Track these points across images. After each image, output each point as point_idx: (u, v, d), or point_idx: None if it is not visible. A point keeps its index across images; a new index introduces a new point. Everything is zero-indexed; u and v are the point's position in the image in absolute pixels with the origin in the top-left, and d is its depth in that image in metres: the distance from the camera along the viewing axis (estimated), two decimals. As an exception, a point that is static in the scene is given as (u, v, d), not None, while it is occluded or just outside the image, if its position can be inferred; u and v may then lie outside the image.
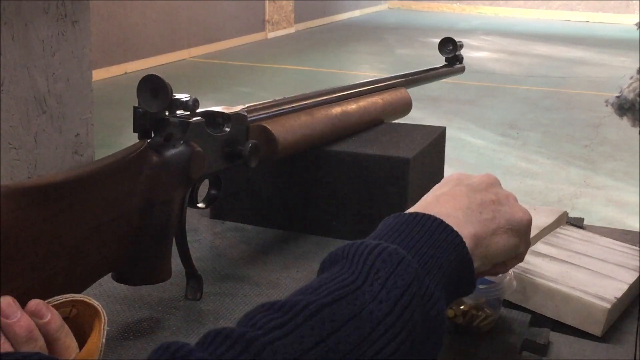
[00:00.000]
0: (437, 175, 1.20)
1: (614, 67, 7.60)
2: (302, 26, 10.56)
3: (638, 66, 1.08)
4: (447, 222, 0.59)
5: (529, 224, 0.68)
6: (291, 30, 10.28)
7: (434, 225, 0.58)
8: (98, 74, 5.96)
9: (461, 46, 1.31)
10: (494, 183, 0.68)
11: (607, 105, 1.12)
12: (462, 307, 0.81)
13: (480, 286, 0.84)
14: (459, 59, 1.32)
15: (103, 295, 0.88)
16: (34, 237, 0.59)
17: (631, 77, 1.10)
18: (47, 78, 3.48)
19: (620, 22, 11.39)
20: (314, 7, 10.95)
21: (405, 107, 1.25)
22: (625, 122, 1.12)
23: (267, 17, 9.63)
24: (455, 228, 0.59)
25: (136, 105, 0.76)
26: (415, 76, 1.28)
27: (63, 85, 3.58)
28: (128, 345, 0.78)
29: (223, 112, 0.85)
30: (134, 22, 7.22)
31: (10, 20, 3.24)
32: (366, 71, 7.58)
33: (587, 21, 12.19)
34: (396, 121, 1.23)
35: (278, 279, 0.95)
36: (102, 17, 6.62)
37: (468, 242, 0.59)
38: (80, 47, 3.66)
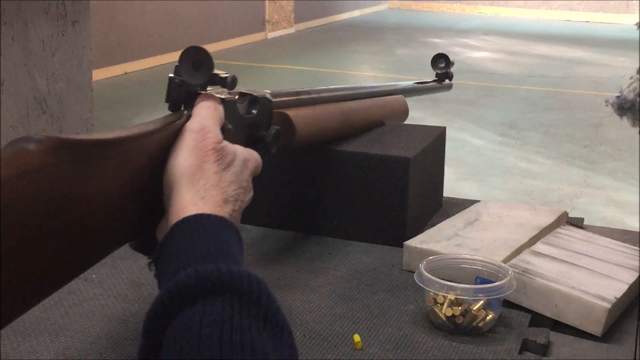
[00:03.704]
0: (437, 175, 1.20)
1: (614, 67, 7.60)
2: (302, 26, 10.56)
3: (638, 66, 1.08)
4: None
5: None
6: (291, 30, 10.28)
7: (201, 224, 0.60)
8: (98, 74, 5.96)
9: (453, 63, 1.32)
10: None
11: (607, 105, 1.12)
12: (462, 307, 0.81)
13: (481, 286, 0.84)
14: (449, 76, 1.33)
15: (103, 295, 0.89)
16: (73, 196, 0.55)
17: (631, 77, 1.10)
18: (47, 78, 3.48)
19: (620, 22, 11.38)
20: (314, 7, 10.94)
21: (403, 113, 1.26)
22: (625, 122, 1.12)
23: (267, 17, 9.63)
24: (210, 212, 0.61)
25: (171, 75, 0.72)
26: (407, 88, 1.28)
27: (63, 85, 3.58)
28: (128, 344, 0.78)
29: (252, 94, 0.83)
30: (134, 22, 7.22)
31: (10, 20, 3.24)
32: (366, 71, 7.58)
33: (587, 21, 12.19)
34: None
35: (278, 279, 0.95)
36: (102, 17, 6.62)
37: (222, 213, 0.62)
38: (80, 47, 3.66)
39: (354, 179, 1.05)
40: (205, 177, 0.64)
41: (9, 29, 3.25)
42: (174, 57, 0.73)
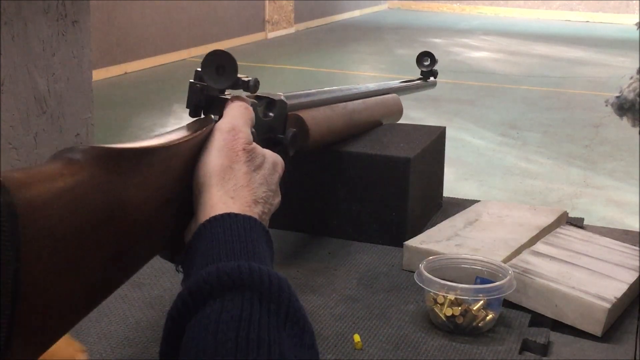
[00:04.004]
0: (437, 175, 1.20)
1: (614, 67, 7.60)
2: (302, 26, 10.56)
3: (638, 66, 1.08)
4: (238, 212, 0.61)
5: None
6: (291, 30, 10.28)
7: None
8: (98, 74, 5.96)
9: (437, 61, 1.32)
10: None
11: (607, 105, 1.12)
12: (462, 307, 0.81)
13: (481, 286, 0.84)
14: (434, 74, 1.33)
15: (103, 295, 0.89)
16: (120, 205, 0.54)
17: (631, 77, 1.10)
18: (47, 78, 3.48)
19: (620, 22, 11.38)
20: (314, 7, 10.95)
21: (399, 112, 1.26)
22: (625, 122, 1.12)
23: (267, 17, 9.63)
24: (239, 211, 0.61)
25: (192, 81, 0.71)
26: (394, 87, 1.28)
27: (63, 85, 3.58)
28: (128, 344, 0.78)
29: (269, 97, 0.83)
30: (133, 22, 7.22)
31: (10, 20, 3.24)
32: (366, 71, 7.58)
33: (587, 21, 12.19)
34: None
35: (278, 279, 0.95)
36: (102, 17, 6.62)
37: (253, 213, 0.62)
38: (80, 47, 3.66)
39: (354, 179, 1.05)
40: (235, 178, 0.63)
41: (9, 29, 3.25)
42: (174, 57, 0.72)
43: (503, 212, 1.09)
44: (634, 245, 1.01)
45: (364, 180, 1.05)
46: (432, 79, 1.34)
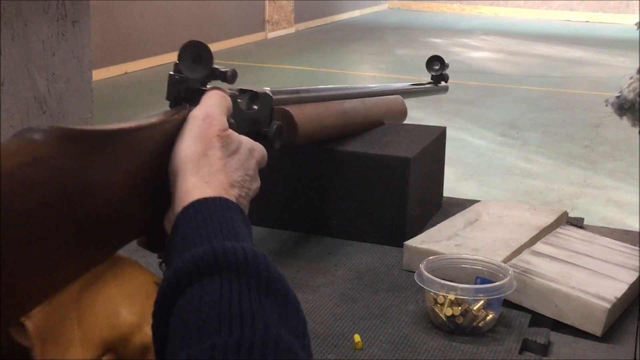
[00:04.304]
0: (437, 175, 1.20)
1: (614, 67, 7.59)
2: (302, 26, 10.56)
3: (638, 66, 1.08)
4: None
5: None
6: (291, 30, 10.28)
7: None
8: (98, 74, 5.96)
9: (447, 66, 1.32)
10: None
11: (607, 105, 1.12)
12: (462, 307, 0.81)
13: (481, 286, 0.84)
14: (445, 78, 1.33)
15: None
16: (83, 186, 0.55)
17: (631, 77, 1.10)
18: (47, 78, 3.48)
19: (620, 22, 11.38)
20: (314, 7, 10.94)
21: (402, 113, 1.26)
22: (625, 122, 1.12)
23: (267, 17, 9.63)
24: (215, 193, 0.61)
25: (171, 73, 0.72)
26: (403, 89, 1.28)
27: (63, 85, 3.58)
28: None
29: (252, 90, 0.84)
30: (133, 22, 7.22)
31: (10, 20, 3.24)
32: (366, 71, 7.58)
33: (587, 21, 12.19)
34: (396, 121, 1.24)
35: (278, 279, 0.95)
36: (102, 17, 6.61)
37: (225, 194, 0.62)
38: (80, 47, 3.66)
39: (354, 179, 1.05)
40: (209, 163, 0.64)
41: (9, 29, 3.25)
42: (174, 57, 0.72)
43: (503, 212, 1.09)
44: (634, 245, 1.01)
45: (364, 180, 1.05)
46: (443, 83, 1.33)
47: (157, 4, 7.49)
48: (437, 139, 1.16)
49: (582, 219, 1.15)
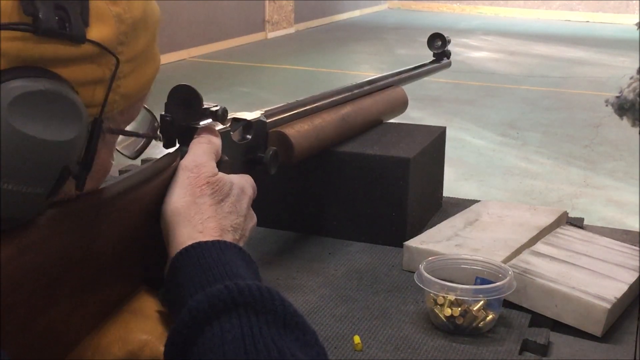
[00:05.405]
0: (437, 175, 1.20)
1: (614, 67, 7.59)
2: (302, 26, 10.56)
3: (638, 66, 1.08)
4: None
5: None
6: (291, 30, 10.27)
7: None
8: (98, 74, 5.95)
9: (449, 41, 1.31)
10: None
11: (607, 105, 1.12)
12: (462, 307, 0.81)
13: (481, 287, 0.84)
14: (447, 55, 1.32)
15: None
16: (76, 259, 0.56)
17: (631, 77, 1.10)
18: (47, 78, 3.48)
19: (620, 22, 11.37)
20: (314, 7, 10.94)
21: (402, 104, 1.26)
22: (625, 122, 1.12)
23: (267, 17, 9.63)
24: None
25: (162, 114, 0.73)
26: (406, 74, 1.28)
27: (63, 86, 3.58)
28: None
29: (246, 120, 0.84)
30: (134, 22, 7.21)
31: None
32: (366, 71, 7.57)
33: (587, 21, 12.19)
34: (396, 121, 1.23)
35: (278, 279, 0.95)
36: (102, 17, 6.61)
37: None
38: (80, 47, 3.65)
39: (354, 179, 1.05)
40: (200, 212, 0.63)
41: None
42: (174, 57, 0.72)
43: (503, 212, 1.09)
44: (634, 245, 1.01)
45: (364, 180, 1.05)
46: (445, 60, 1.33)
47: (158, 4, 7.48)
48: (436, 139, 1.15)
49: (582, 219, 1.15)
